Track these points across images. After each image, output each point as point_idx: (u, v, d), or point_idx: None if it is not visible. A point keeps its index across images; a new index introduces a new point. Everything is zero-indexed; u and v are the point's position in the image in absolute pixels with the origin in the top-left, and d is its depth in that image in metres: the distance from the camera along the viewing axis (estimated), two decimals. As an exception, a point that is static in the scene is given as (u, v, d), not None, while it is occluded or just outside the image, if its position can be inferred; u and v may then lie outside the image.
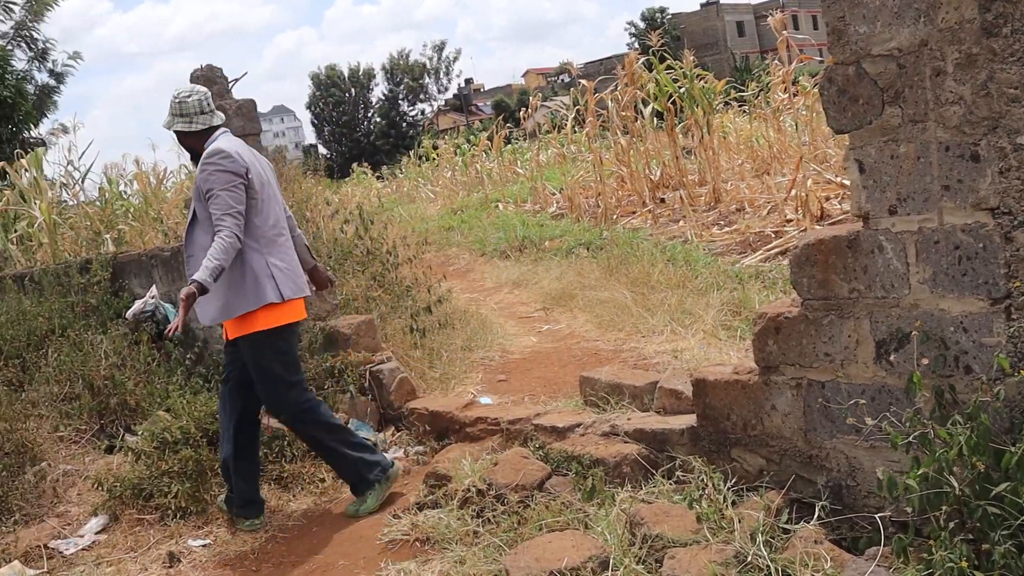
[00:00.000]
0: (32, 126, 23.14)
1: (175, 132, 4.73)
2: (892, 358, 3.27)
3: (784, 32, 10.78)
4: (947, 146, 2.97)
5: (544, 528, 3.80)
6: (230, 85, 6.51)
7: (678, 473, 4.00)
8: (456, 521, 4.13)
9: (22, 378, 6.78)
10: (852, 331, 3.37)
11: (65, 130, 15.92)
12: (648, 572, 3.24)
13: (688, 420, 4.17)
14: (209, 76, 6.46)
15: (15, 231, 14.39)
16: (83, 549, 4.83)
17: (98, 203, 14.55)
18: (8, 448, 5.76)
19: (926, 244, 3.10)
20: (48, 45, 24.88)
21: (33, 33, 24.49)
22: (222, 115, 4.82)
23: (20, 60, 24.05)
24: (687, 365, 5.52)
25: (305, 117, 79.79)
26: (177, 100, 4.65)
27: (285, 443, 5.37)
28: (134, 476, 5.12)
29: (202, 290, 4.26)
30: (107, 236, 12.14)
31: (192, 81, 6.61)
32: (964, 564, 2.64)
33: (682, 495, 3.77)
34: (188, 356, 6.85)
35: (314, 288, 5.27)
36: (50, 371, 6.91)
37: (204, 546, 4.66)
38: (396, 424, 5.83)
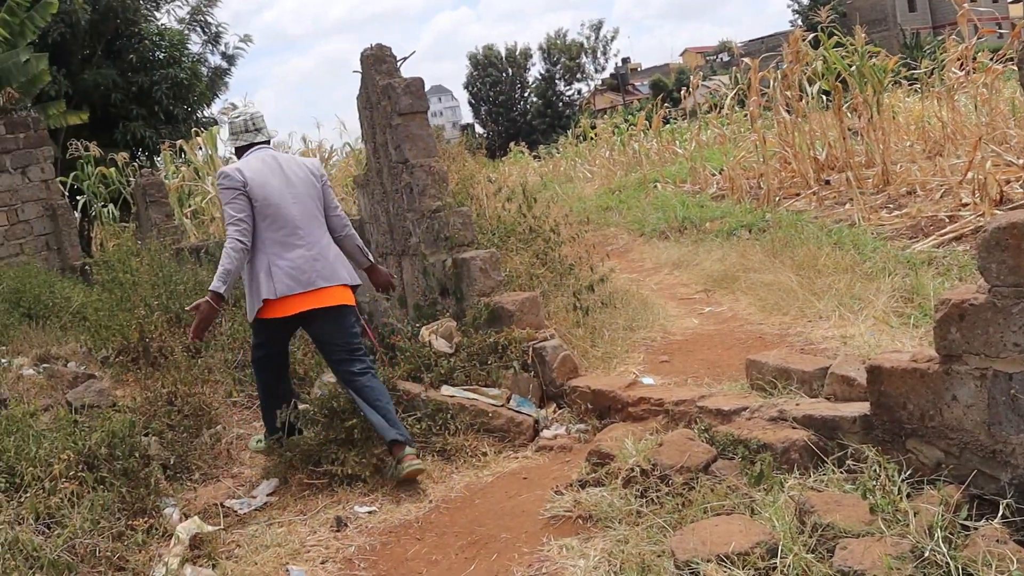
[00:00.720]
0: (205, 106, 24.26)
1: None
2: (1089, 350, 3.09)
3: (965, 4, 10.25)
4: None
5: (709, 511, 3.76)
6: (399, 64, 6.64)
7: (849, 462, 3.89)
8: (619, 500, 4.13)
9: (199, 345, 7.12)
10: (1046, 320, 3.20)
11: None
12: (818, 561, 3.16)
13: (860, 408, 4.04)
14: (379, 55, 6.60)
15: (189, 206, 15.13)
16: (256, 509, 5.06)
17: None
18: (187, 411, 6.08)
19: None
20: (220, 29, 25.92)
21: (207, 18, 25.55)
22: (268, 134, 5.57)
23: (195, 44, 25.22)
24: (857, 352, 5.35)
25: (462, 97, 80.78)
26: (228, 120, 5.44)
27: (448, 416, 5.47)
28: (304, 442, 5.33)
29: (215, 296, 5.11)
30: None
31: (361, 61, 6.78)
32: None
33: (854, 484, 3.66)
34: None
35: (376, 287, 6.01)
36: (224, 339, 7.25)
37: (369, 513, 4.81)
38: (558, 401, 5.86)
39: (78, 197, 18.45)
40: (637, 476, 4.21)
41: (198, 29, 25.50)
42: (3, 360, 8.76)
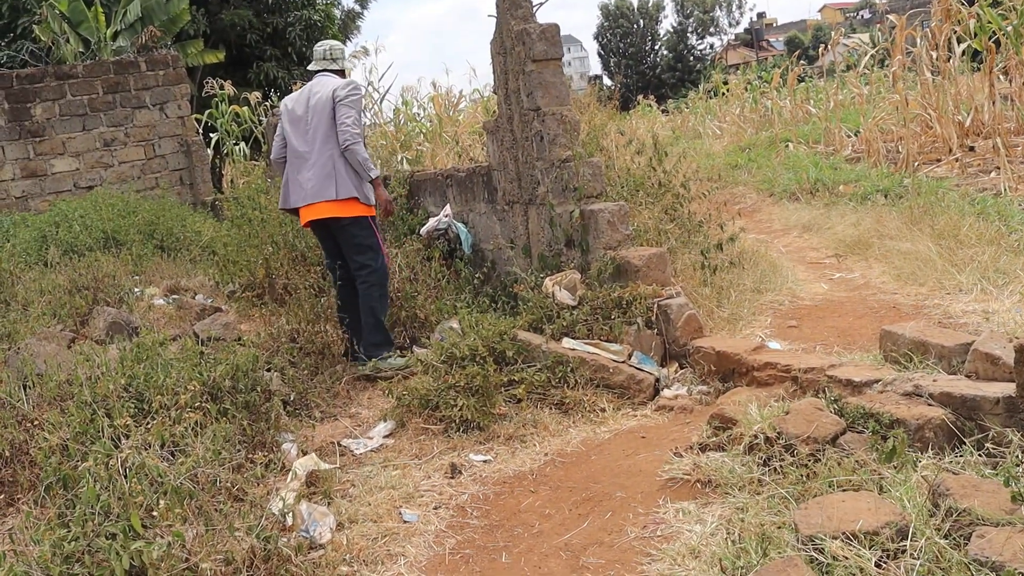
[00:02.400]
0: (338, 48, 24.51)
1: None
2: None
3: None
4: None
5: (835, 486, 3.62)
6: (535, 9, 6.54)
7: (988, 445, 3.70)
8: (741, 467, 4.02)
9: (322, 284, 7.24)
10: None
11: (367, 52, 16.71)
12: (952, 548, 3.00)
13: (1005, 388, 3.84)
14: (515, 0, 6.51)
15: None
16: (372, 451, 5.12)
17: (391, 124, 15.24)
18: (309, 349, 6.19)
19: None
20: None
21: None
22: (331, 64, 6.55)
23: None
24: (1001, 328, 5.10)
25: (592, 48, 79.87)
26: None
27: (568, 369, 5.43)
28: (422, 387, 5.35)
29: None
30: (402, 155, 12.71)
31: (496, 6, 6.71)
32: None
33: (994, 470, 3.48)
34: (477, 276, 7.06)
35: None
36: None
37: (485, 461, 4.81)
38: (680, 361, 5.76)
39: (211, 134, 18.94)
40: (760, 444, 4.09)
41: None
42: (136, 289, 9.09)
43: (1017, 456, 3.47)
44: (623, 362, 5.55)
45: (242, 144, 17.87)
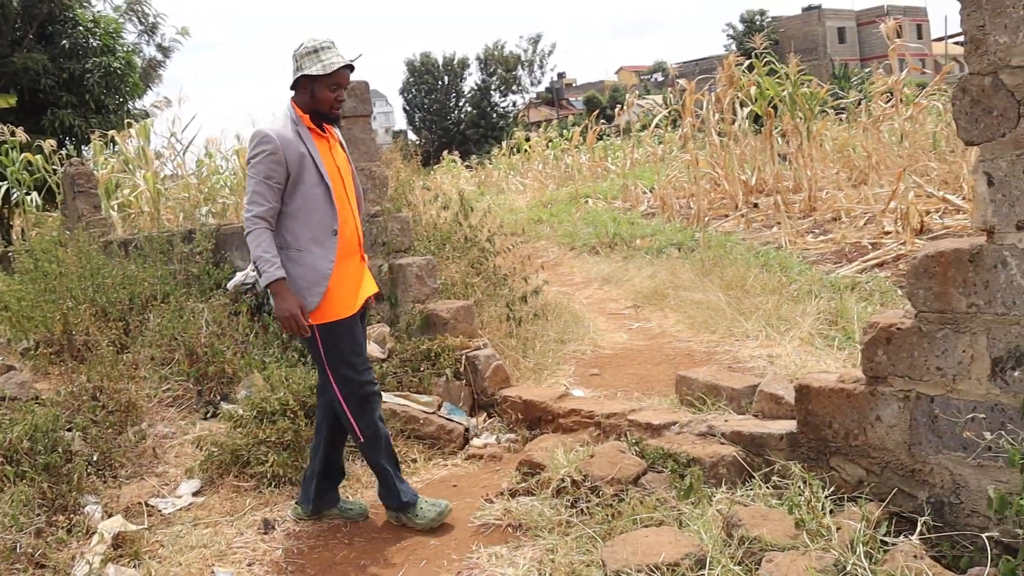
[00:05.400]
0: (138, 97, 23.76)
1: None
2: (1008, 376, 3.22)
3: (897, 40, 10.56)
4: (1083, 164, 2.91)
5: (638, 523, 3.82)
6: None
7: (775, 478, 3.99)
8: (550, 509, 4.17)
9: (124, 340, 7.00)
10: (968, 346, 3.32)
11: (168, 103, 16.29)
12: (745, 574, 3.24)
13: (787, 426, 4.15)
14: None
15: (116, 198, 14.84)
16: (181, 509, 4.98)
17: (194, 176, 14.92)
18: (112, 406, 5.97)
19: (1053, 262, 3.04)
20: (158, 20, 25.49)
21: (144, 8, 25.09)
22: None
23: (130, 33, 24.70)
24: (783, 371, 5.48)
25: (397, 102, 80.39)
26: None
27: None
28: (232, 443, 5.27)
29: None
30: (207, 208, 12.47)
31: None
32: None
33: (780, 500, 3.76)
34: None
35: None
36: (151, 335, 7.14)
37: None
38: (488, 411, 5.90)
39: (1, 183, 17.96)
40: (568, 487, 4.26)
41: (134, 19, 25.02)
42: (-83, 350, 8.52)
43: (799, 487, 3.75)
44: (433, 413, 5.64)
45: (34, 194, 17.01)
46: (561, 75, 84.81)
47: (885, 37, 10.78)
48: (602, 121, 25.14)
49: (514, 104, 72.98)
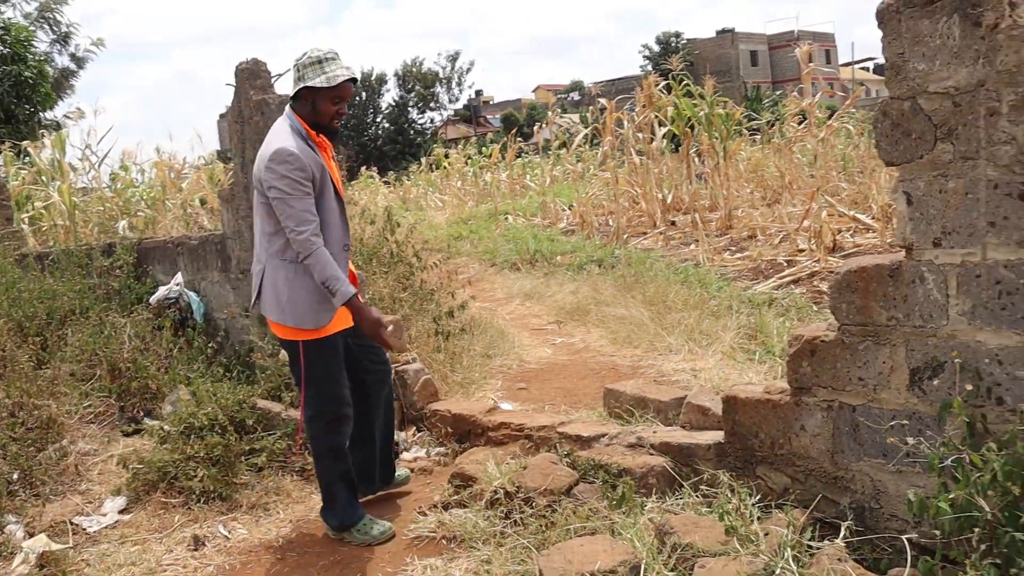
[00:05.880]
0: (49, 108, 23.24)
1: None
2: (925, 386, 3.38)
3: (811, 64, 10.91)
4: (996, 184, 3.08)
5: (572, 533, 3.89)
6: (273, 80, 6.62)
7: (703, 487, 4.10)
8: (483, 521, 4.22)
9: (43, 356, 6.86)
10: (888, 358, 3.48)
11: (82, 114, 15.96)
12: (679, 578, 3.33)
13: (714, 436, 4.27)
14: (254, 70, 6.56)
15: (27, 211, 14.49)
16: (107, 527, 4.90)
17: (109, 189, 14.66)
18: (32, 423, 5.85)
19: (968, 277, 3.20)
20: (71, 29, 25.00)
21: (57, 16, 24.58)
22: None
23: (42, 42, 24.17)
24: (707, 384, 5.62)
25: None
26: None
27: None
28: (159, 459, 5.21)
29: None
30: (124, 222, 12.26)
31: (236, 75, 6.73)
32: (997, 584, 2.75)
33: (709, 508, 3.87)
34: (210, 345, 6.95)
35: None
36: (71, 351, 7.00)
37: (229, 532, 4.74)
38: (418, 424, 5.92)
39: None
40: (501, 498, 4.31)
41: (46, 27, 24.49)
42: None
43: (727, 495, 3.87)
44: (363, 427, 5.64)
45: (-61, 206, 16.51)
46: (479, 92, 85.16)
47: (800, 61, 11.12)
48: (519, 139, 25.33)
49: (432, 121, 73.13)
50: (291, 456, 5.40)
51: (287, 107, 4.34)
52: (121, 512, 5.06)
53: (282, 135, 4.18)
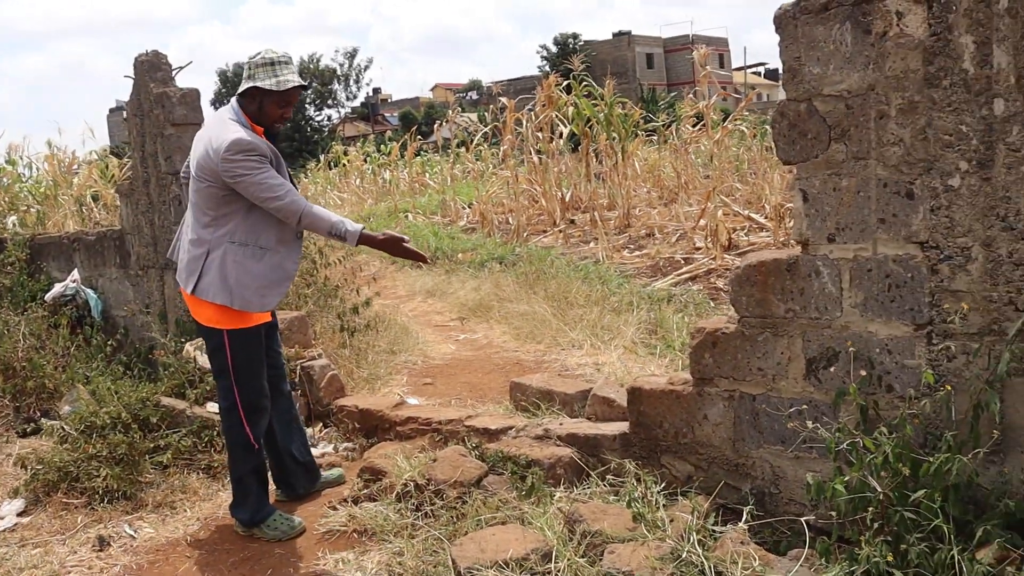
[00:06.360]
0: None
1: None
2: (821, 375, 3.55)
3: (707, 67, 11.20)
4: (885, 183, 3.26)
5: (483, 523, 3.96)
6: (174, 73, 6.51)
7: (610, 476, 4.22)
8: (394, 514, 4.25)
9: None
10: (785, 348, 3.64)
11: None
12: (589, 565, 3.43)
13: (620, 427, 4.39)
14: (154, 62, 6.46)
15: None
16: (5, 530, 4.79)
17: (-5, 183, 14.18)
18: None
19: (860, 271, 3.38)
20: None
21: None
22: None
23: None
24: (611, 377, 5.75)
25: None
26: None
27: (214, 433, 5.40)
28: (59, 459, 5.10)
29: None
30: (13, 217, 11.89)
31: (135, 67, 6.61)
32: (889, 557, 2.92)
33: (617, 496, 3.98)
34: (109, 343, 6.82)
35: None
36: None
37: (135, 531, 4.67)
38: (324, 420, 5.91)
39: None
40: (411, 491, 4.36)
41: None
42: None
43: (633, 483, 3.99)
44: (269, 424, 5.61)
45: None
46: (377, 90, 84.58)
47: (697, 64, 11.39)
48: (419, 137, 25.29)
49: (329, 118, 72.33)
50: (197, 454, 5.34)
51: (233, 100, 4.32)
52: (20, 514, 4.94)
53: (232, 126, 4.16)
